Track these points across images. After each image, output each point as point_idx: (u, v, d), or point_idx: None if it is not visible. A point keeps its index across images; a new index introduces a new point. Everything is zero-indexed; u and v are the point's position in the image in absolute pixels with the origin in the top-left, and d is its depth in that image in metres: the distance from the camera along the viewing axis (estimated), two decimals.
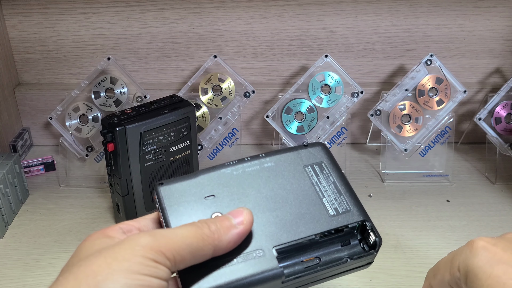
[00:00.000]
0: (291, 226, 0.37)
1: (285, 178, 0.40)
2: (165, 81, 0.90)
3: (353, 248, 0.38)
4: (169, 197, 0.38)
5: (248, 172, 0.40)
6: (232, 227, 0.34)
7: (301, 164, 0.41)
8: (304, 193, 0.39)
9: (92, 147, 0.80)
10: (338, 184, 0.40)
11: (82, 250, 0.33)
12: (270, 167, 0.40)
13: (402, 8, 0.84)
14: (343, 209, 0.39)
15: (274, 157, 0.41)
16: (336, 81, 0.78)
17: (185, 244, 0.32)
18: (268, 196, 0.39)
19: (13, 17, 0.85)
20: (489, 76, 0.90)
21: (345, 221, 0.38)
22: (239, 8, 0.84)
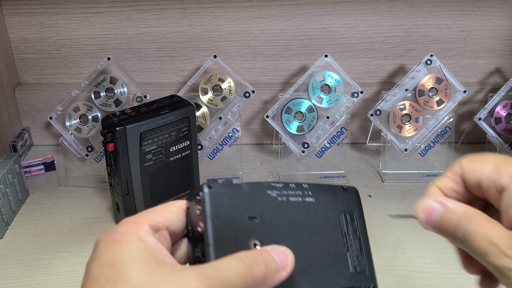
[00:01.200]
0: (313, 274, 0.36)
1: (321, 219, 0.39)
2: (165, 81, 0.90)
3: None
4: (214, 206, 0.34)
5: (291, 202, 0.38)
6: (277, 273, 0.31)
7: (337, 209, 0.40)
8: (334, 242, 0.39)
9: (92, 147, 0.80)
10: (362, 241, 0.40)
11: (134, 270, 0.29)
12: (311, 202, 0.39)
13: (402, 8, 0.84)
14: (360, 269, 0.39)
15: (316, 192, 0.40)
16: (336, 81, 0.78)
17: (239, 283, 0.29)
18: (304, 234, 0.37)
19: (13, 17, 0.85)
20: (489, 76, 0.90)
21: (359, 283, 0.38)
22: (239, 8, 0.84)
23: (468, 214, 0.32)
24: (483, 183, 0.32)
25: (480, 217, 0.32)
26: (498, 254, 0.30)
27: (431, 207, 0.34)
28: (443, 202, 0.34)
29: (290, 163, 0.84)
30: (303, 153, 0.79)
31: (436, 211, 0.34)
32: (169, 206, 0.34)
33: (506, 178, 0.31)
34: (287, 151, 0.82)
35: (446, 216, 0.33)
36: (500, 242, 0.30)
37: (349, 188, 0.42)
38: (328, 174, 0.83)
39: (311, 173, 0.83)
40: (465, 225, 0.32)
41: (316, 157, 0.82)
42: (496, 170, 0.32)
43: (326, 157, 0.82)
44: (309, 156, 0.81)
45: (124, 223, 0.32)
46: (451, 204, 0.33)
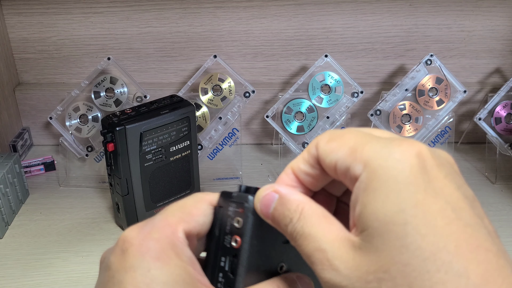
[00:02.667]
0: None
1: None
2: (165, 81, 0.90)
3: None
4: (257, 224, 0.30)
5: None
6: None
7: None
8: None
9: (92, 147, 0.80)
10: None
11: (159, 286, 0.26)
12: None
13: (402, 8, 0.84)
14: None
15: None
16: (336, 81, 0.78)
17: None
18: None
19: (13, 17, 0.85)
20: (489, 76, 0.90)
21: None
22: (239, 8, 0.84)
23: (300, 209, 0.26)
24: (338, 168, 0.25)
25: (314, 214, 0.25)
26: (323, 264, 0.24)
27: (269, 197, 0.27)
28: (280, 191, 0.27)
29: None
30: None
31: (271, 203, 0.27)
32: (200, 204, 0.30)
33: (359, 166, 0.24)
34: (287, 151, 0.82)
35: (279, 210, 0.26)
36: (328, 249, 0.24)
37: None
38: None
39: None
40: (295, 223, 0.26)
41: None
42: (351, 154, 0.24)
43: None
44: None
45: (156, 225, 0.28)
46: (289, 194, 0.27)
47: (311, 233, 0.25)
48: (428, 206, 0.22)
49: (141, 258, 0.26)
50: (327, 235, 0.24)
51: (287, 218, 0.26)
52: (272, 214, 0.27)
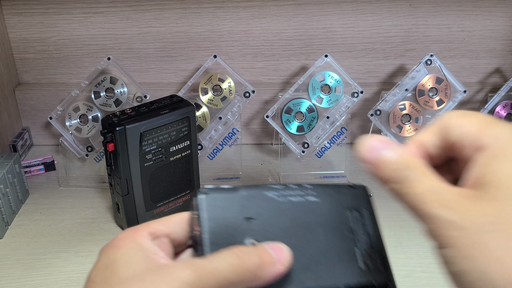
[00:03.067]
0: (318, 270, 0.36)
1: (325, 217, 0.39)
2: (165, 81, 0.90)
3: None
4: (210, 210, 0.35)
5: (292, 201, 0.38)
6: (273, 267, 0.31)
7: (342, 206, 0.40)
8: (340, 238, 0.38)
9: (92, 147, 0.80)
10: (372, 237, 0.39)
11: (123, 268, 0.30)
12: (314, 201, 0.39)
13: (402, 8, 0.84)
14: (372, 265, 0.37)
15: (320, 191, 0.40)
16: (336, 81, 0.78)
17: (226, 280, 0.29)
18: (305, 232, 0.37)
19: (13, 17, 0.85)
20: (489, 76, 0.90)
21: (372, 279, 0.37)
22: (239, 8, 0.84)
23: (414, 161, 0.30)
24: (463, 139, 0.29)
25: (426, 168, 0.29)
26: (439, 202, 0.27)
27: (377, 143, 0.31)
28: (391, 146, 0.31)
29: (290, 163, 0.84)
30: (303, 153, 0.79)
31: (381, 149, 0.31)
32: (172, 216, 0.35)
33: (489, 139, 0.27)
34: (287, 151, 0.83)
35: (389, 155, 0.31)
36: (444, 191, 0.27)
37: (356, 186, 0.41)
38: (328, 174, 0.83)
39: (311, 173, 0.83)
40: (407, 171, 0.29)
41: (316, 157, 0.82)
42: (480, 129, 0.28)
43: (326, 157, 0.82)
44: (309, 156, 0.81)
45: (124, 231, 0.33)
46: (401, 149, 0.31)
47: (426, 179, 0.28)
48: None
49: (104, 252, 0.32)
50: (440, 183, 0.28)
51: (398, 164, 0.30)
52: (379, 158, 0.31)
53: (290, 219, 0.37)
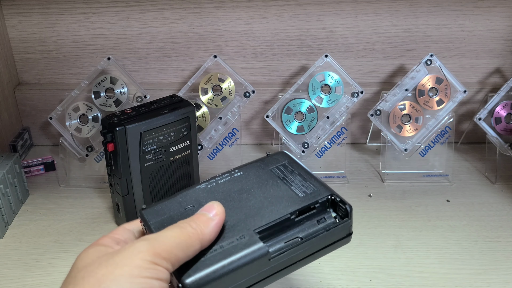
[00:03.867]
0: (267, 212, 0.41)
1: (254, 179, 0.45)
2: (165, 81, 0.90)
3: (328, 221, 0.41)
4: (153, 216, 0.42)
5: (220, 183, 0.44)
6: (209, 220, 0.38)
7: (267, 168, 0.46)
8: (274, 186, 0.43)
9: (92, 147, 0.80)
10: (302, 174, 0.45)
11: (80, 261, 0.35)
12: (240, 175, 0.45)
13: (402, 8, 0.84)
14: (310, 190, 0.42)
15: (242, 168, 0.46)
16: (336, 81, 0.78)
17: (176, 243, 0.35)
18: (241, 195, 0.43)
19: (13, 17, 0.85)
20: (489, 76, 0.90)
21: (314, 198, 0.41)
22: (239, 8, 0.84)
23: None
24: None
25: None
26: None
27: None
28: None
29: None
30: (303, 153, 0.79)
31: None
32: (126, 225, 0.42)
33: None
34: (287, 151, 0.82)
35: None
36: None
37: (274, 153, 0.48)
38: (328, 174, 0.83)
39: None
40: None
41: (316, 157, 0.82)
42: None
43: (326, 157, 0.82)
44: (309, 156, 0.81)
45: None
46: None
47: None
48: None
49: None
50: None
51: None
52: None
53: (224, 192, 0.43)
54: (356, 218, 0.72)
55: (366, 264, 0.63)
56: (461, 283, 0.61)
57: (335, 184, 0.81)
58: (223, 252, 0.37)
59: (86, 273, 0.33)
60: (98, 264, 0.33)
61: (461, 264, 0.63)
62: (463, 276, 0.61)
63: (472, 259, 0.64)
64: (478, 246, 0.67)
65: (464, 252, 0.66)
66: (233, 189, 0.43)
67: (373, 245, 0.67)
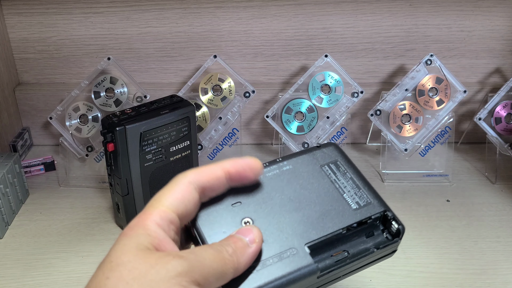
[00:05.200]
0: (318, 223, 0.38)
1: (305, 178, 0.41)
2: (165, 81, 0.90)
3: (378, 238, 0.39)
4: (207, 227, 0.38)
5: (268, 176, 0.41)
6: (246, 247, 0.35)
7: (317, 164, 0.42)
8: (326, 191, 0.40)
9: (92, 147, 0.80)
10: (355, 179, 0.41)
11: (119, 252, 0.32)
12: (289, 169, 0.41)
13: (402, 8, 0.84)
14: (364, 202, 0.40)
15: (291, 160, 0.42)
16: (336, 81, 0.78)
17: (212, 269, 0.33)
18: (292, 197, 0.40)
19: (13, 17, 0.85)
20: (489, 76, 0.90)
21: (368, 213, 0.39)
22: (239, 8, 0.84)
23: None
24: None
25: None
26: None
27: None
28: None
29: None
30: None
31: None
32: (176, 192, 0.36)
33: None
34: (287, 151, 0.82)
35: None
36: None
37: (324, 144, 0.44)
38: None
39: None
40: None
41: None
42: None
43: None
44: None
45: (138, 216, 0.35)
46: None
47: None
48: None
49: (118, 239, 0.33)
50: None
51: None
52: None
53: (275, 190, 0.40)
54: None
55: None
56: (461, 283, 0.60)
57: None
58: (271, 266, 0.35)
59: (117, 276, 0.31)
60: (133, 271, 0.31)
61: (461, 264, 0.63)
62: (463, 276, 0.61)
63: (472, 259, 0.64)
64: (478, 246, 0.67)
65: (464, 252, 0.66)
66: (283, 187, 0.40)
67: None
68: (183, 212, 0.35)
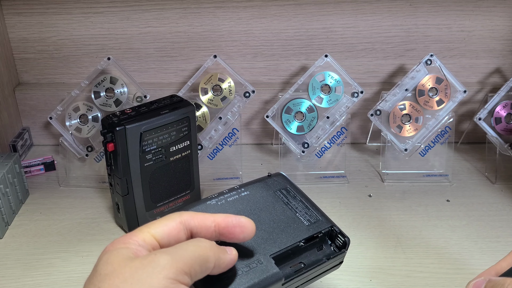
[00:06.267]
0: (278, 238, 0.44)
1: (263, 202, 0.48)
2: (165, 81, 0.90)
3: (327, 250, 0.46)
4: None
5: (230, 201, 0.47)
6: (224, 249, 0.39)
7: (271, 190, 0.50)
8: (281, 211, 0.48)
9: (92, 147, 0.80)
10: (304, 201, 0.49)
11: (103, 265, 0.34)
12: (247, 195, 0.49)
13: (402, 8, 0.84)
14: (314, 219, 0.47)
15: (248, 187, 0.50)
16: (336, 81, 0.78)
17: (195, 256, 0.35)
18: (252, 215, 0.46)
19: (13, 17, 0.85)
20: (489, 76, 0.90)
21: (318, 228, 0.46)
22: (239, 8, 0.84)
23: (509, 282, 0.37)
24: None
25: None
26: None
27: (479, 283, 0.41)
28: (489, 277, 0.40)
29: (290, 163, 0.84)
30: (303, 153, 0.79)
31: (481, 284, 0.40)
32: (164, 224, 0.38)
33: None
34: (287, 151, 0.83)
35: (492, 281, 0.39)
36: None
37: (274, 174, 0.53)
38: (328, 174, 0.83)
39: (311, 173, 0.83)
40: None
41: (316, 157, 0.82)
42: None
43: (326, 157, 0.82)
44: (309, 156, 0.81)
45: (121, 236, 0.37)
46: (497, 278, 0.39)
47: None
48: None
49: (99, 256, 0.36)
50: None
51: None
52: None
53: (235, 212, 0.46)
54: (356, 218, 0.72)
55: (366, 264, 0.63)
56: (461, 283, 0.60)
57: (335, 184, 0.81)
58: (243, 275, 0.40)
59: (108, 284, 0.33)
60: (121, 275, 0.33)
61: (461, 264, 0.63)
62: (463, 276, 0.61)
63: (472, 259, 0.64)
64: (478, 246, 0.67)
65: (464, 252, 0.66)
66: (243, 209, 0.47)
67: (373, 245, 0.67)
68: (165, 244, 0.37)
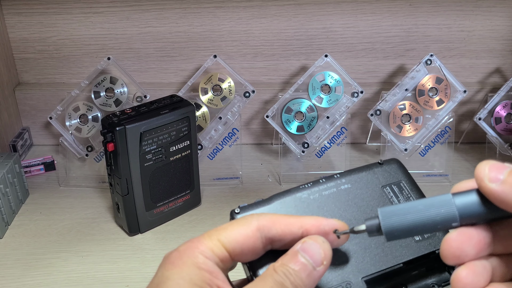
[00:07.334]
0: (376, 255, 0.34)
1: (365, 201, 0.37)
2: (165, 81, 0.90)
3: (439, 272, 0.35)
4: None
5: (325, 195, 0.37)
6: (313, 272, 0.30)
7: (379, 185, 0.38)
8: None
9: (92, 147, 0.80)
10: None
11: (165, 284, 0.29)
12: (347, 189, 0.38)
13: (402, 8, 0.84)
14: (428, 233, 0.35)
15: (350, 177, 0.38)
16: (336, 81, 0.78)
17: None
18: (350, 222, 0.36)
19: (13, 17, 0.85)
20: (489, 76, 0.90)
21: (431, 247, 0.35)
22: (239, 8, 0.84)
23: None
24: None
25: None
26: None
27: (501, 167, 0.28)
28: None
29: (290, 163, 0.84)
30: (303, 153, 0.79)
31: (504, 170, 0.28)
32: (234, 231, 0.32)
33: None
34: (287, 151, 0.83)
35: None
36: None
37: (387, 161, 0.39)
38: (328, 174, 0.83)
39: (311, 173, 0.83)
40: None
41: (316, 157, 0.82)
42: None
43: (326, 157, 0.82)
44: (309, 156, 0.81)
45: (187, 241, 0.31)
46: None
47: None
48: None
49: (162, 266, 0.30)
50: None
51: None
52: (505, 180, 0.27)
53: (332, 212, 0.36)
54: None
55: None
56: None
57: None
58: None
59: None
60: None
61: None
62: None
63: None
64: None
65: None
66: (340, 210, 0.36)
67: None
68: (237, 255, 0.31)
